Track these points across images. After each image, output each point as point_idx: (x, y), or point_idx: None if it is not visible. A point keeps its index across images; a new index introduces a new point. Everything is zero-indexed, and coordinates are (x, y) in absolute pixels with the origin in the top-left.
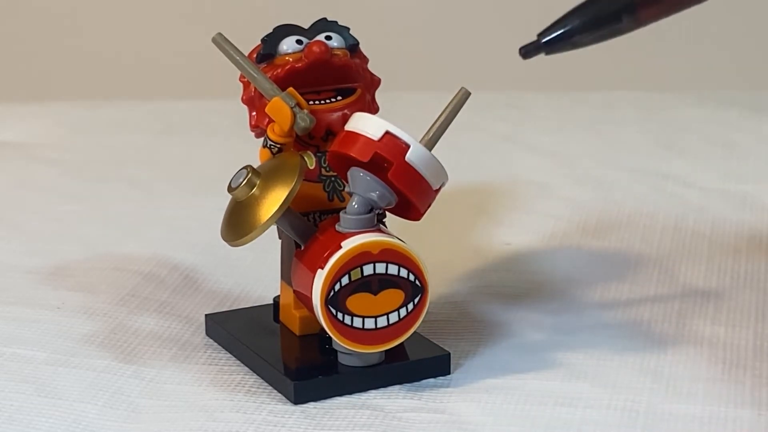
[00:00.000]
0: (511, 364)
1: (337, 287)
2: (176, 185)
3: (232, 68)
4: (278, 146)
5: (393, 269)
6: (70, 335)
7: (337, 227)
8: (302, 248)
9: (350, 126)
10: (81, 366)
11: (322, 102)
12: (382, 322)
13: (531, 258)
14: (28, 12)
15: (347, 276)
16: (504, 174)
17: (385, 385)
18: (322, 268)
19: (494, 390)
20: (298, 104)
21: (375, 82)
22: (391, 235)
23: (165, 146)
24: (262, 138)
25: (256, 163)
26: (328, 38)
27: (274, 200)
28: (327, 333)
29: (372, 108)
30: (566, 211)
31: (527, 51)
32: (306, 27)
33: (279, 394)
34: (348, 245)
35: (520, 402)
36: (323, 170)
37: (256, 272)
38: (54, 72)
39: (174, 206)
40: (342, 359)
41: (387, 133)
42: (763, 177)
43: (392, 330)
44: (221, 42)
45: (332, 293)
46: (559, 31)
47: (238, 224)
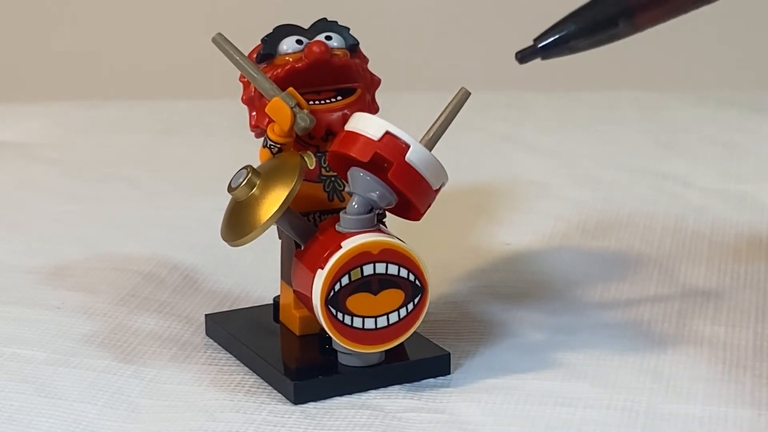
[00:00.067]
0: (511, 364)
1: (337, 287)
2: (176, 185)
3: (232, 68)
4: (278, 146)
5: (393, 269)
6: (70, 335)
7: (337, 227)
8: (302, 248)
9: (350, 126)
10: (81, 366)
11: (322, 102)
12: (382, 322)
13: (531, 258)
14: (29, 12)
15: (347, 276)
16: (504, 174)
17: (385, 385)
18: (322, 268)
19: (494, 390)
20: (298, 104)
21: (375, 82)
22: (391, 235)
23: (165, 146)
24: (262, 138)
25: (256, 163)
26: (328, 38)
27: (274, 200)
28: (327, 333)
29: (372, 108)
30: (566, 211)
31: (524, 56)
32: (306, 27)
33: (279, 394)
34: (348, 245)
35: (520, 402)
36: (323, 170)
37: (256, 272)
38: (54, 72)
39: (174, 206)
40: (342, 359)
41: (387, 133)
42: (763, 177)
43: (392, 330)
44: (221, 42)
45: (332, 293)
46: (556, 36)
47: (238, 224)
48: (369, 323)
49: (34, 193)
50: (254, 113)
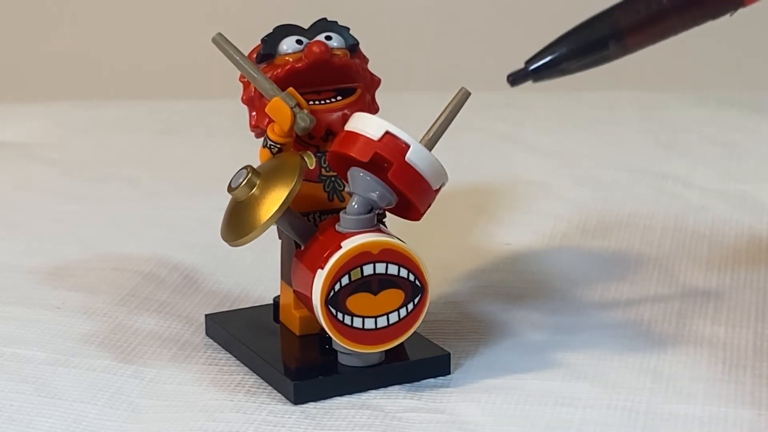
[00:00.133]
0: (511, 364)
1: (337, 287)
2: (176, 185)
3: (232, 68)
4: (278, 146)
5: (393, 269)
6: (70, 335)
7: (337, 227)
8: (302, 248)
9: (350, 126)
10: (81, 366)
11: (322, 102)
12: (382, 322)
13: (531, 258)
14: (29, 12)
15: (347, 276)
16: (504, 174)
17: (385, 385)
18: (322, 268)
19: (494, 390)
20: (298, 104)
21: (375, 82)
22: (391, 235)
23: (165, 146)
24: (262, 138)
25: (256, 163)
26: (328, 38)
27: (274, 200)
28: (327, 333)
29: (372, 108)
30: (566, 211)
31: (515, 78)
32: (306, 27)
33: (279, 394)
34: (348, 245)
35: (520, 402)
36: (323, 170)
37: (256, 272)
38: (54, 72)
39: (174, 206)
40: (342, 359)
41: (387, 133)
42: (763, 177)
43: (392, 330)
44: (221, 42)
45: (332, 293)
46: (547, 59)
47: (238, 224)
48: (369, 323)
49: (34, 193)
50: (254, 113)
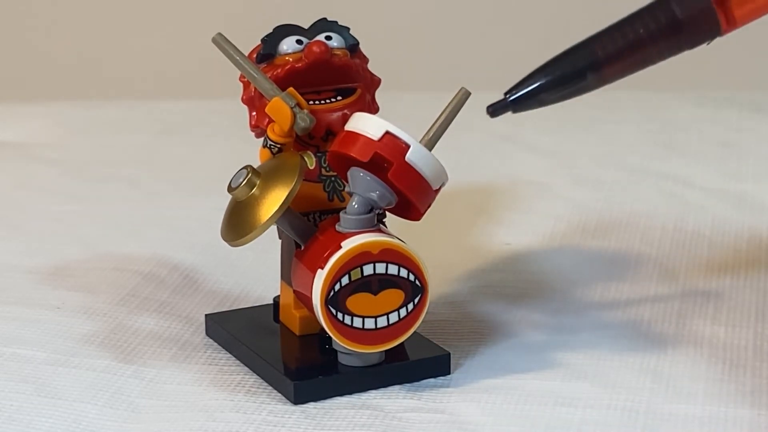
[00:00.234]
0: (511, 364)
1: (337, 287)
2: (176, 185)
3: (232, 68)
4: (278, 146)
5: (393, 269)
6: (70, 335)
7: (337, 227)
8: (302, 248)
9: (350, 126)
10: (81, 366)
11: (322, 102)
12: (382, 322)
13: (531, 258)
14: (29, 12)
15: (347, 276)
16: (504, 174)
17: (385, 385)
18: (322, 268)
19: (494, 390)
20: (298, 104)
21: (375, 82)
22: (391, 235)
23: (165, 146)
24: (262, 138)
25: (256, 163)
26: (328, 38)
27: (274, 200)
28: (327, 333)
29: (372, 108)
30: (566, 211)
31: (495, 110)
32: (306, 27)
33: (279, 394)
34: (348, 245)
35: (520, 402)
36: (323, 170)
37: (256, 272)
38: (54, 72)
39: (174, 206)
40: (342, 359)
41: (387, 133)
42: (763, 177)
43: (392, 330)
44: (221, 42)
45: (332, 293)
46: (526, 90)
47: (238, 224)
48: (369, 323)
49: (34, 193)
50: (254, 113)
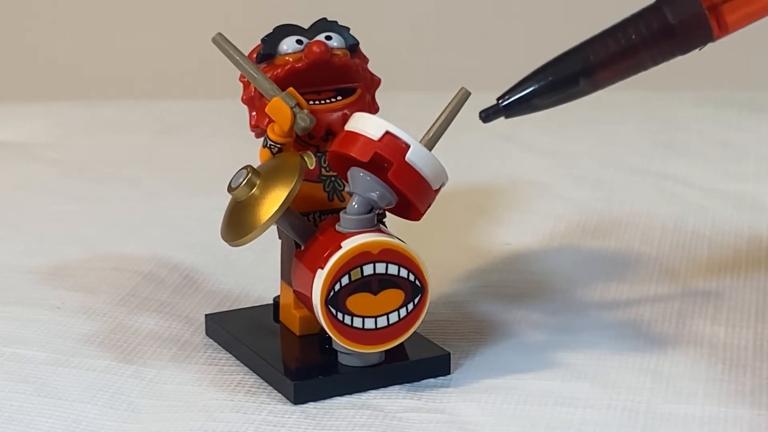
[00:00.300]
0: (511, 364)
1: (337, 287)
2: (176, 185)
3: (232, 68)
4: (278, 146)
5: (393, 269)
6: (70, 335)
7: (337, 227)
8: (302, 248)
9: (350, 126)
10: (81, 366)
11: (322, 102)
12: (382, 322)
13: (531, 258)
14: (29, 12)
15: (347, 276)
16: (504, 174)
17: (385, 385)
18: (322, 268)
19: (494, 390)
20: (298, 104)
21: (375, 82)
22: (391, 235)
23: (165, 146)
24: (262, 138)
25: (256, 163)
26: (328, 38)
27: (274, 200)
28: (327, 333)
29: (372, 108)
30: (566, 211)
31: (487, 115)
32: (306, 27)
33: (279, 394)
34: (348, 245)
35: (520, 402)
36: (323, 170)
37: (256, 272)
38: (54, 72)
39: (174, 206)
40: (342, 359)
41: (387, 133)
42: (763, 177)
43: (392, 330)
44: (221, 42)
45: (332, 293)
46: (518, 95)
47: (238, 224)
48: (369, 323)
49: (34, 193)
50: (254, 113)
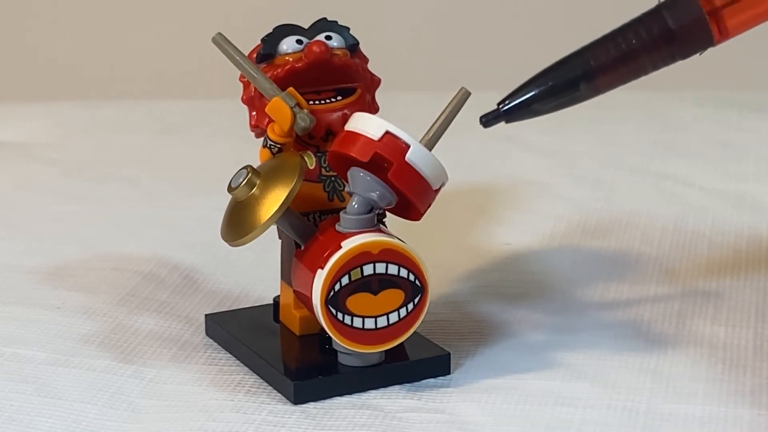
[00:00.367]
0: (511, 364)
1: (337, 287)
2: (176, 185)
3: (232, 68)
4: (278, 146)
5: (393, 269)
6: (70, 335)
7: (337, 227)
8: (302, 248)
9: (350, 126)
10: (81, 366)
11: (322, 102)
12: (382, 322)
13: (531, 258)
14: (29, 12)
15: (347, 276)
16: (504, 174)
17: (385, 385)
18: (322, 268)
19: (494, 390)
20: (298, 104)
21: (375, 82)
22: (391, 235)
23: (165, 146)
24: (262, 138)
25: (256, 163)
26: (328, 38)
27: (274, 200)
28: (327, 333)
29: (372, 108)
30: (566, 211)
31: (488, 120)
32: (306, 27)
33: (279, 394)
34: (348, 245)
35: (520, 402)
36: (323, 170)
37: (256, 272)
38: (54, 72)
39: (174, 206)
40: (342, 359)
41: (387, 133)
42: (763, 177)
43: (392, 330)
44: (221, 42)
45: (332, 293)
46: (519, 100)
47: (238, 224)
48: (369, 323)
49: (34, 193)
50: (254, 113)
